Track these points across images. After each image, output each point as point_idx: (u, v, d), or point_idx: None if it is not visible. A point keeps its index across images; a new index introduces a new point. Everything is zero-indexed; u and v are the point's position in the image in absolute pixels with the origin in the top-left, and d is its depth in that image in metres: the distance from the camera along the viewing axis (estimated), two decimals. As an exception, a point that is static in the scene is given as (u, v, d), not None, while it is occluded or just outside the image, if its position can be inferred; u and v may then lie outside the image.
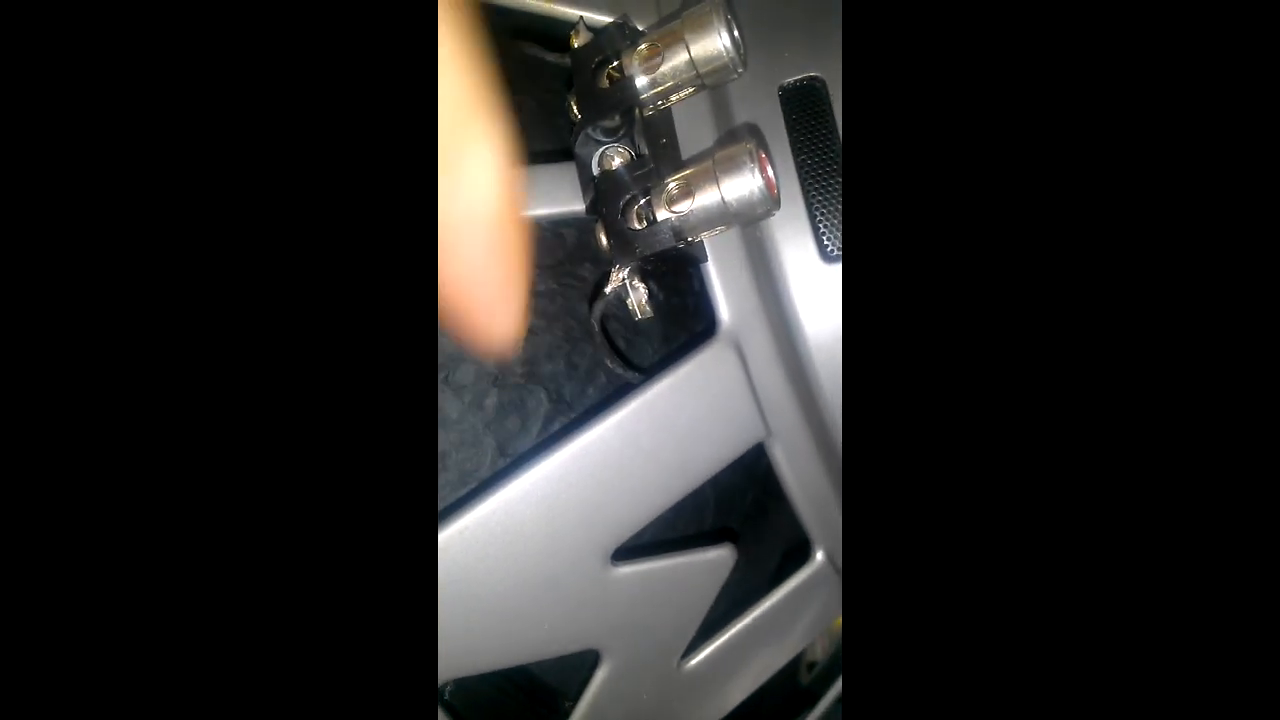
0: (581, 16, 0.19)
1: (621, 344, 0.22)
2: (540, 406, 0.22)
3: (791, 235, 0.20)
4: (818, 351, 0.20)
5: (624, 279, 0.17)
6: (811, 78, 0.20)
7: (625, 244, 0.17)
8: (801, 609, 0.23)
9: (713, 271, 0.20)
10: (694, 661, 0.22)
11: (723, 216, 0.16)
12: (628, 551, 0.20)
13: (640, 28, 0.18)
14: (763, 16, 0.20)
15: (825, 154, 0.20)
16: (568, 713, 0.21)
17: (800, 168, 0.20)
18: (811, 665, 0.31)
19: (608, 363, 0.18)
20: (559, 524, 0.18)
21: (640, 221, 0.17)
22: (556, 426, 0.22)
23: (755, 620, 0.22)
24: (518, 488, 0.18)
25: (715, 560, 0.21)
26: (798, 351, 0.20)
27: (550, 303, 0.21)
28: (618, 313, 0.22)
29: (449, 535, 0.18)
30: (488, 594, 0.18)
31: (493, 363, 0.20)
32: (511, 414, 0.22)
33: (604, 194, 0.17)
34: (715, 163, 0.16)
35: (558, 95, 0.23)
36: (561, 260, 0.20)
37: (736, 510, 0.23)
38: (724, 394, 0.20)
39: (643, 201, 0.17)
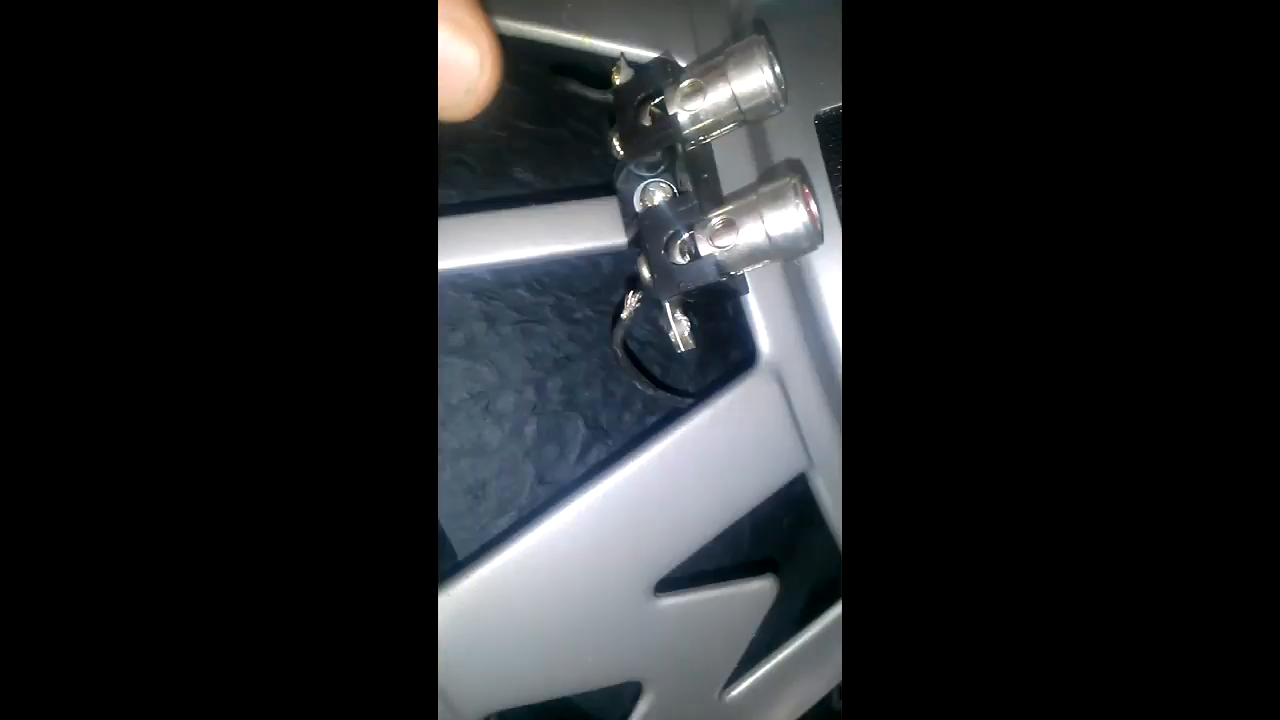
0: (623, 53, 0.20)
1: (657, 372, 0.22)
2: (578, 434, 0.22)
3: (831, 265, 0.20)
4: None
5: (667, 310, 0.17)
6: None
7: (668, 279, 0.17)
8: (840, 640, 0.23)
9: (753, 302, 0.20)
10: (735, 692, 0.22)
11: (767, 251, 0.16)
12: (669, 583, 0.20)
13: (681, 64, 0.19)
14: (796, 44, 0.20)
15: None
16: (609, 743, 0.21)
17: (838, 196, 0.20)
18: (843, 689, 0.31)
19: (638, 385, 0.18)
20: (602, 556, 0.18)
21: (683, 256, 0.17)
22: (594, 454, 0.22)
23: (796, 651, 0.22)
24: (561, 520, 0.18)
25: (758, 592, 0.20)
26: (838, 381, 0.20)
27: (587, 330, 0.21)
28: (653, 339, 0.22)
29: (493, 568, 0.18)
30: (531, 626, 0.18)
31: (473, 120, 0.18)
32: (550, 442, 0.22)
33: (647, 229, 0.17)
34: (759, 197, 0.16)
35: (593, 127, 0.23)
36: (598, 288, 0.21)
37: (773, 538, 0.23)
38: (766, 425, 0.19)
39: (685, 236, 0.17)
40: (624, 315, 0.17)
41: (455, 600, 0.18)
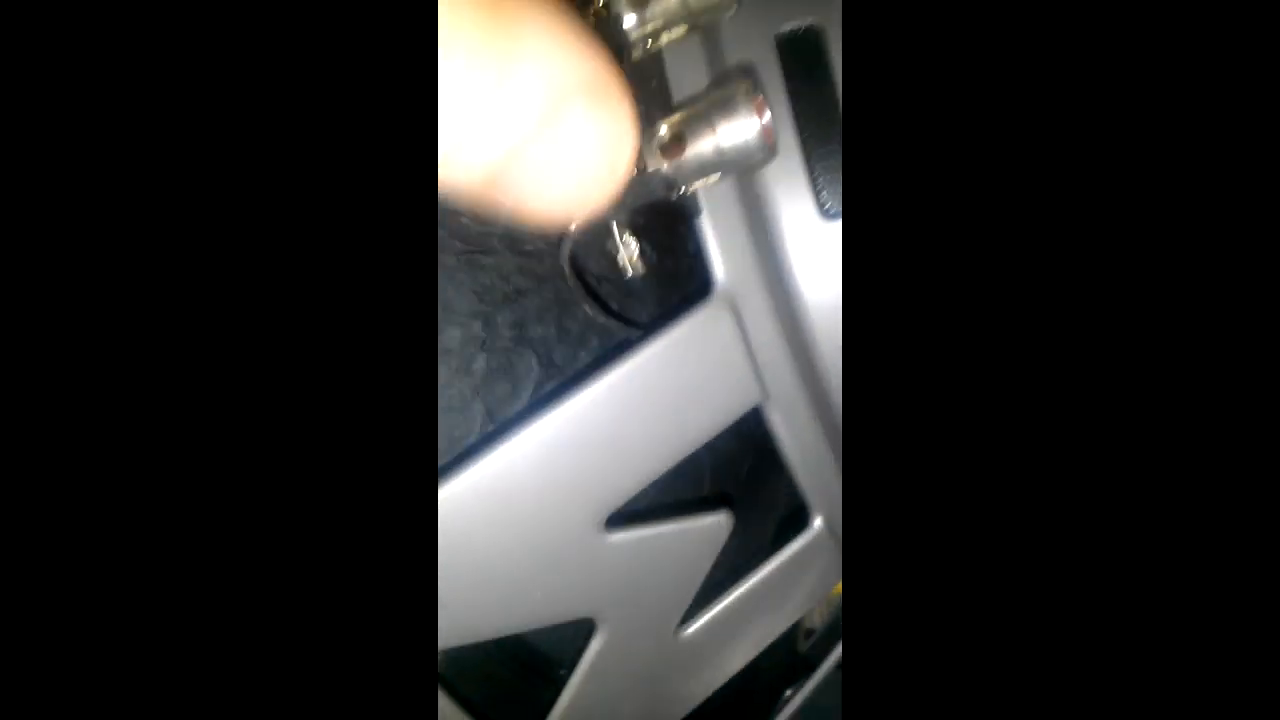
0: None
1: (614, 305, 0.21)
2: (530, 371, 0.21)
3: (789, 192, 0.19)
4: (816, 313, 0.19)
5: (614, 231, 0.16)
6: (810, 26, 0.19)
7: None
8: (800, 576, 0.22)
9: (708, 228, 0.19)
10: (691, 630, 0.21)
11: (717, 163, 0.15)
12: (622, 518, 0.19)
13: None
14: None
15: (824, 108, 0.19)
16: (562, 681, 0.20)
17: (798, 121, 0.19)
18: (809, 633, 0.31)
19: (587, 309, 0.17)
20: (551, 489, 0.18)
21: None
22: (547, 391, 0.21)
23: (753, 588, 0.22)
24: (507, 452, 0.18)
25: (711, 526, 0.20)
26: (795, 313, 0.20)
27: (539, 263, 0.20)
28: (609, 275, 0.21)
29: (439, 500, 0.17)
30: (479, 561, 0.18)
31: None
32: (501, 379, 0.21)
33: (592, 142, 0.16)
34: (708, 104, 0.15)
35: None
36: (550, 219, 0.20)
37: (733, 476, 0.23)
38: (720, 356, 0.19)
39: (632, 150, 0.16)
40: (571, 228, 0.16)
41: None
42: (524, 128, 0.10)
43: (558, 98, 0.10)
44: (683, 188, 0.16)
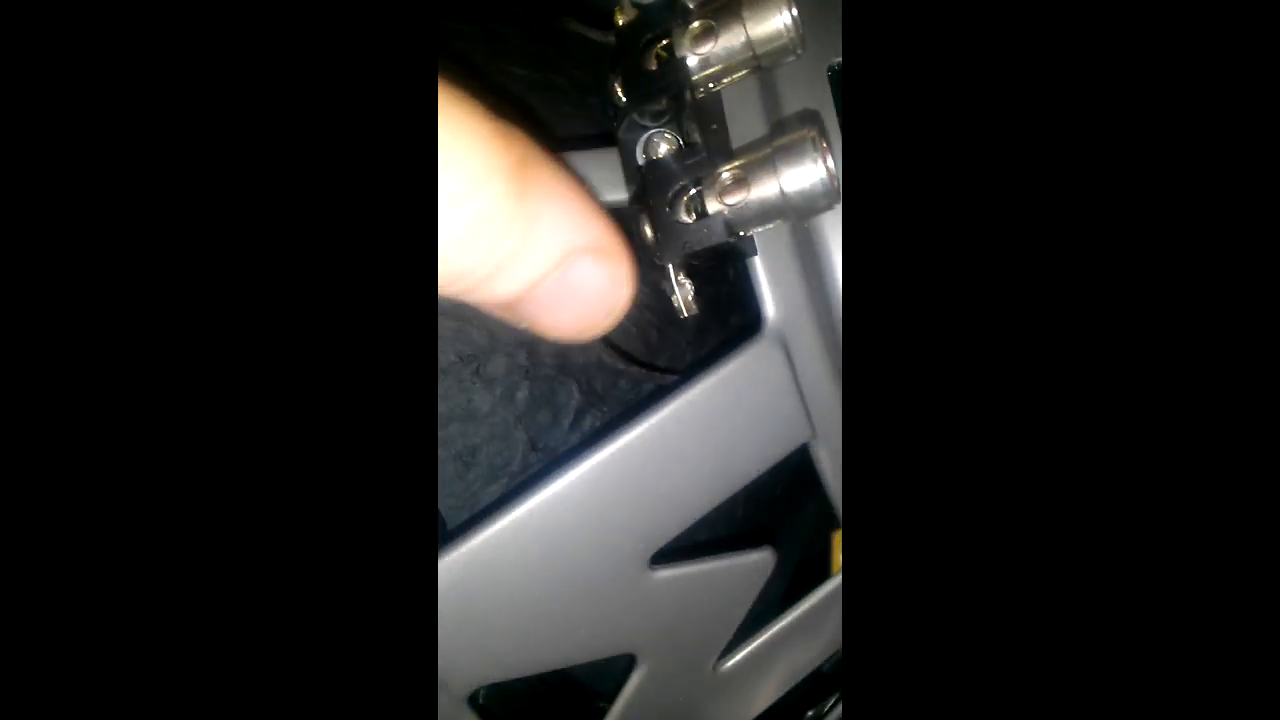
0: (627, -10, 0.18)
1: (654, 335, 0.21)
2: (571, 399, 0.21)
3: (838, 225, 0.19)
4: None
5: (670, 273, 0.16)
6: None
7: (673, 238, 0.16)
8: (837, 610, 0.22)
9: (759, 265, 0.19)
10: (729, 664, 0.21)
11: (781, 210, 0.15)
12: (666, 553, 0.19)
13: (689, 3, 0.17)
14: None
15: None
16: (601, 713, 0.20)
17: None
18: (834, 654, 0.31)
19: (628, 368, 0.17)
20: (599, 528, 0.18)
21: (690, 214, 0.16)
22: (589, 421, 0.21)
23: (791, 623, 0.22)
24: (557, 489, 0.17)
25: (755, 564, 0.20)
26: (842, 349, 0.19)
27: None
28: (651, 303, 0.21)
29: (485, 538, 0.17)
30: (525, 598, 0.18)
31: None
32: (543, 407, 0.21)
33: (651, 184, 0.16)
34: (774, 151, 0.15)
35: (592, 73, 0.22)
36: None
37: (766, 505, 0.23)
38: (770, 394, 0.19)
39: (693, 192, 0.16)
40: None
41: (446, 570, 0.17)
42: (539, 271, 0.12)
43: (568, 251, 0.13)
44: (741, 231, 0.16)
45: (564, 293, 0.13)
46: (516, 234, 0.12)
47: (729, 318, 0.22)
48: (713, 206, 0.16)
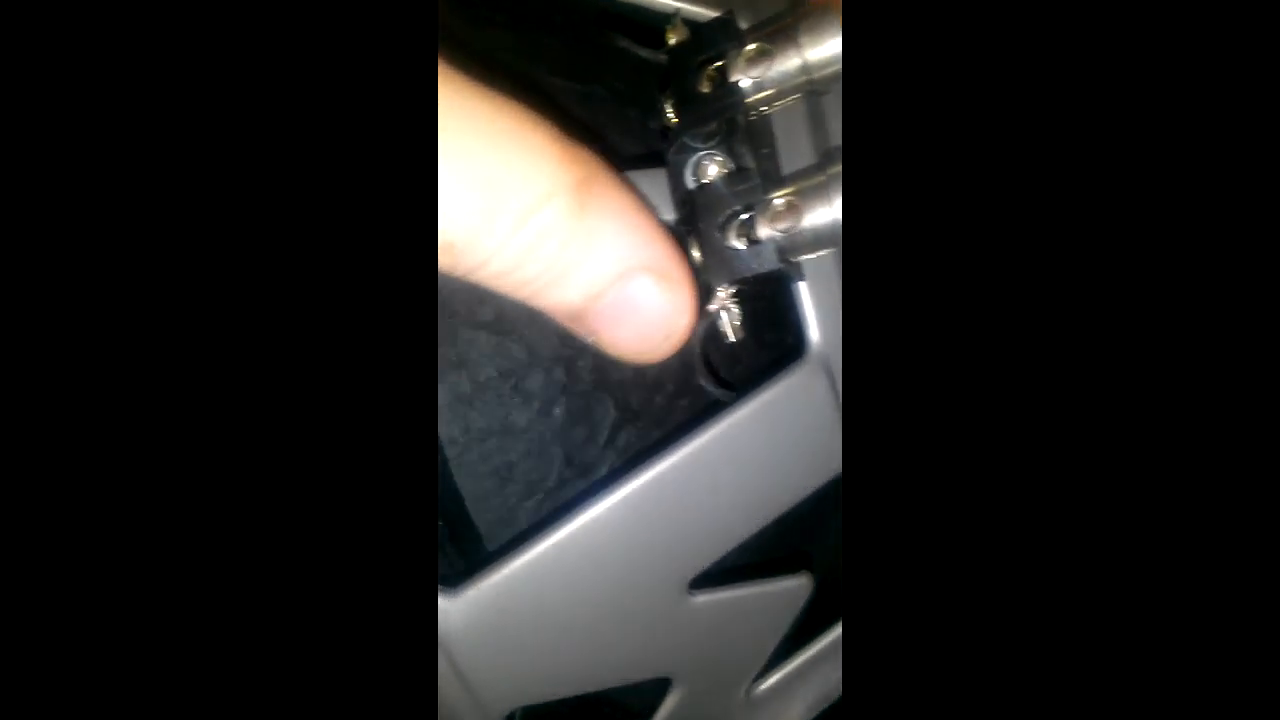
0: (679, 9, 0.18)
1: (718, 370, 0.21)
2: (608, 415, 0.21)
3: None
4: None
5: (725, 296, 0.16)
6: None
7: (724, 264, 0.16)
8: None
9: (804, 289, 0.19)
10: (763, 687, 0.21)
11: (834, 238, 0.15)
12: (702, 577, 0.19)
13: (743, 25, 0.17)
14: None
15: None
16: (632, 733, 0.20)
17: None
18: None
19: (704, 384, 0.17)
20: (640, 553, 0.18)
21: (740, 239, 0.16)
22: (624, 437, 0.21)
23: (826, 647, 0.21)
24: (599, 514, 0.17)
25: (793, 589, 0.20)
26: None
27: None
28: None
29: (525, 562, 0.17)
30: (565, 622, 0.18)
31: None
32: (579, 423, 0.21)
33: (702, 208, 0.16)
34: (829, 179, 0.15)
35: (631, 84, 0.21)
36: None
37: (797, 526, 0.22)
38: (813, 419, 0.18)
39: (744, 218, 0.16)
40: (711, 307, 0.16)
41: (485, 594, 0.17)
42: (597, 283, 0.13)
43: (626, 268, 0.13)
44: (792, 258, 0.16)
45: (624, 309, 0.14)
46: (576, 246, 0.13)
47: (764, 336, 0.21)
48: (764, 232, 0.15)
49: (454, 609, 0.17)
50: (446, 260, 0.12)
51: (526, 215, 0.12)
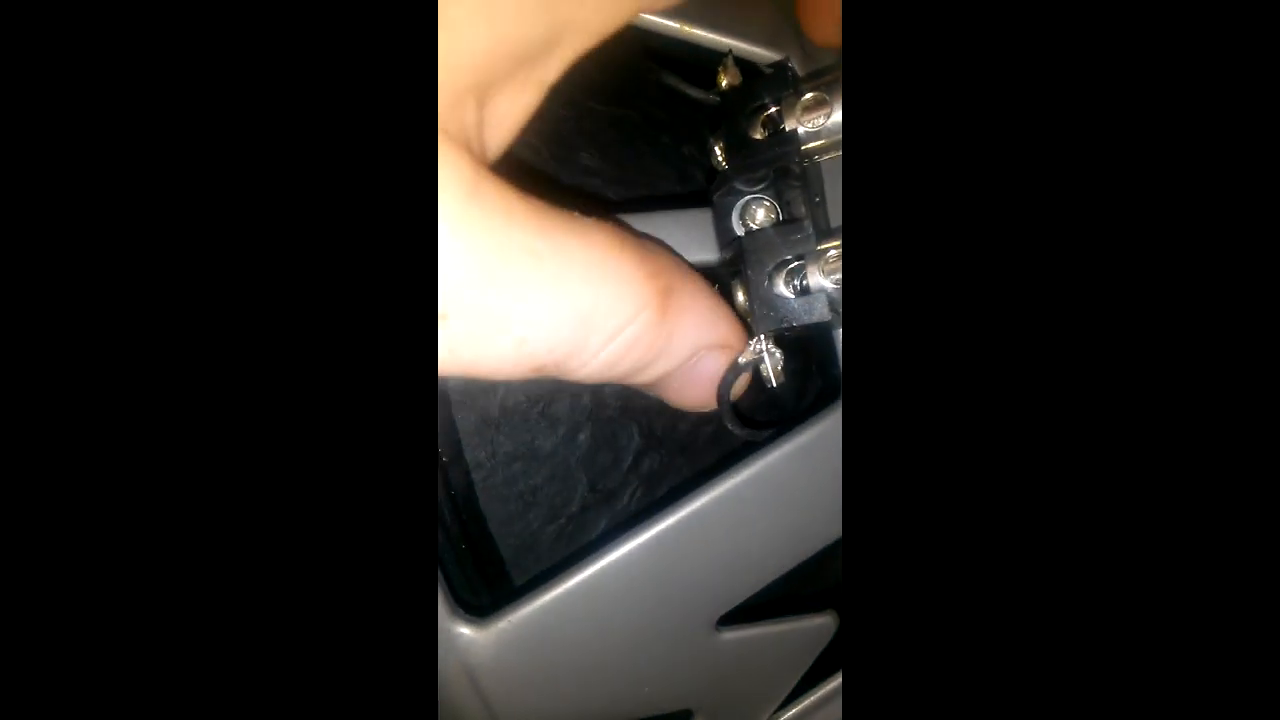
0: (731, 50, 0.18)
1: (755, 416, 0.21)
2: (632, 442, 0.21)
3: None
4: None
5: (762, 346, 0.16)
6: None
7: (772, 311, 0.16)
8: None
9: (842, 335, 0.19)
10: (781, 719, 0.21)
11: (885, 293, 0.15)
12: (730, 614, 0.19)
13: (799, 72, 0.17)
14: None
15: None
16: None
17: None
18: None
19: (735, 430, 0.17)
20: (671, 589, 0.18)
21: (788, 288, 0.16)
22: (647, 463, 0.21)
23: (840, 685, 0.21)
24: (631, 549, 0.17)
25: (818, 628, 0.20)
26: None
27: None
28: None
29: (555, 596, 0.17)
30: (592, 656, 0.18)
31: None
32: (603, 449, 0.21)
33: (751, 254, 0.16)
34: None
35: (664, 109, 0.21)
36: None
37: (834, 570, 0.22)
38: (846, 462, 0.19)
39: (793, 266, 0.16)
40: (741, 361, 0.16)
41: (515, 625, 0.17)
42: (672, 367, 0.16)
43: (697, 349, 0.16)
44: (839, 309, 0.16)
45: (693, 378, 0.16)
46: (659, 346, 0.15)
47: (799, 374, 0.21)
48: (816, 282, 0.15)
49: (483, 640, 0.17)
50: (550, 371, 0.14)
51: (618, 332, 0.14)
